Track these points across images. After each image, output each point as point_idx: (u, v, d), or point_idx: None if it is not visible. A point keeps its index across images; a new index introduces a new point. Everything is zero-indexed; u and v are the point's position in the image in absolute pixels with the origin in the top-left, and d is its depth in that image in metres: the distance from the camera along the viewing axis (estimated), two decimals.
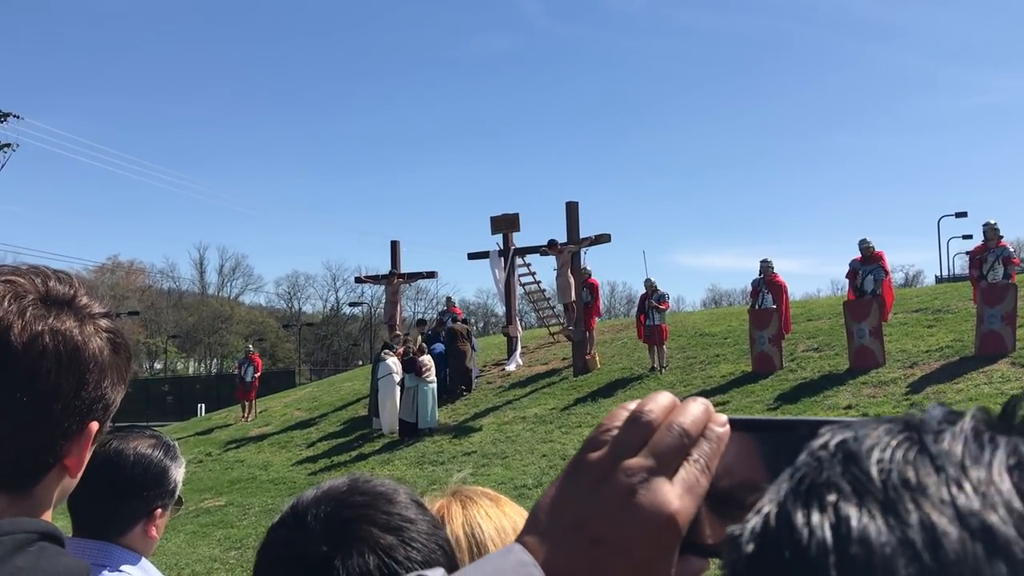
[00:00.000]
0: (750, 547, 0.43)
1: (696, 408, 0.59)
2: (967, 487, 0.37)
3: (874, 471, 0.39)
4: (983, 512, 0.36)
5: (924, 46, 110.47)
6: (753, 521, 0.44)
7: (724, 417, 0.59)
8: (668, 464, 0.56)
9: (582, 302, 19.38)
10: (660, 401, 0.59)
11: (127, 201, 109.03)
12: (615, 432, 0.58)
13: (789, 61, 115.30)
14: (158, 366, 79.09)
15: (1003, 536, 0.35)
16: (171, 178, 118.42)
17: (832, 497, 0.39)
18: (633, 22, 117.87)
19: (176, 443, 2.10)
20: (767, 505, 0.44)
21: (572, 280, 19.23)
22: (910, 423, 0.42)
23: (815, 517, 0.39)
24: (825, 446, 0.43)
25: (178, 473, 2.04)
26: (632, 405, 0.59)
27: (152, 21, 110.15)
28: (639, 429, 0.57)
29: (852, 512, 0.38)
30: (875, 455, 0.40)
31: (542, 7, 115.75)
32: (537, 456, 13.93)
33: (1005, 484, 0.37)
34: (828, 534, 0.38)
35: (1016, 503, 0.37)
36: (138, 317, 69.85)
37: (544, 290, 22.41)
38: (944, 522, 0.36)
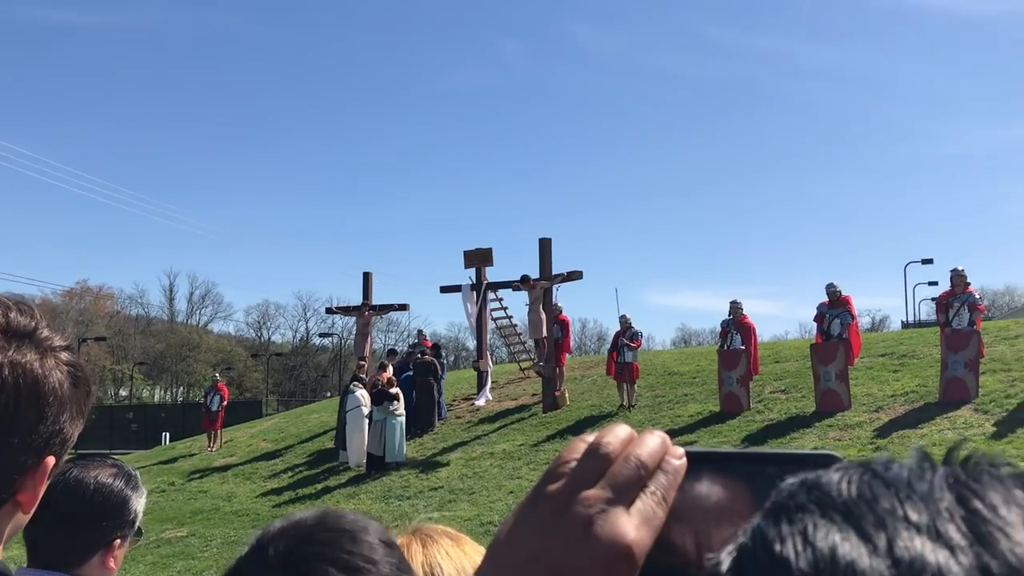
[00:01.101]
0: (727, 566, 0.46)
1: (653, 441, 0.59)
2: (914, 496, 0.44)
3: (834, 492, 0.46)
4: (928, 515, 0.43)
5: (896, 95, 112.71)
6: (729, 547, 0.47)
7: (681, 450, 0.60)
8: (625, 496, 0.56)
9: (553, 338, 19.39)
10: (618, 433, 0.59)
11: (98, 226, 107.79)
12: (573, 464, 0.58)
13: (761, 108, 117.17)
14: (123, 393, 77.78)
15: (946, 532, 0.42)
16: (142, 203, 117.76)
17: (800, 514, 0.45)
18: (609, 64, 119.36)
19: (137, 473, 2.07)
20: (742, 535, 0.47)
21: (543, 316, 19.24)
22: (861, 462, 0.49)
23: (785, 528, 0.45)
24: (791, 483, 0.49)
25: (139, 503, 2.01)
26: (590, 437, 0.60)
27: (123, 46, 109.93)
28: (597, 461, 0.57)
29: (818, 521, 0.44)
30: (834, 482, 0.47)
31: (519, 46, 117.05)
32: (504, 492, 13.83)
33: (946, 494, 0.44)
34: (798, 540, 0.44)
35: (956, 508, 0.43)
36: (105, 343, 68.87)
37: (515, 325, 22.41)
38: (895, 523, 0.43)
